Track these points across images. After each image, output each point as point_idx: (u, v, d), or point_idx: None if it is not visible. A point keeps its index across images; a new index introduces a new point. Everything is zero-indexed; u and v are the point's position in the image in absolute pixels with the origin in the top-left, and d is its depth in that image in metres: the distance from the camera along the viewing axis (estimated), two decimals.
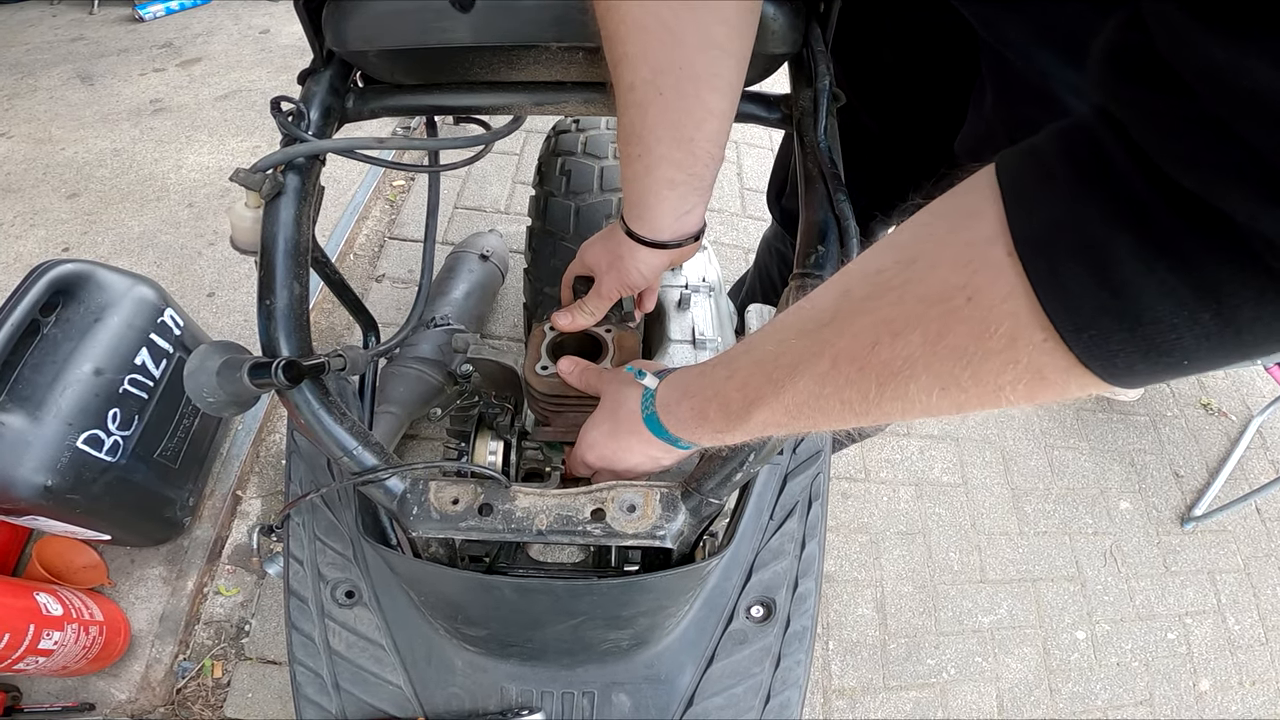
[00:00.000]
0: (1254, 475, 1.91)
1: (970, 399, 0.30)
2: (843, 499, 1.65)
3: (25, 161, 2.00)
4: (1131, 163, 0.22)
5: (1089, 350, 0.25)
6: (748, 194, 2.19)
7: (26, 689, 1.18)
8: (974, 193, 0.28)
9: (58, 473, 1.00)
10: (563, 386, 0.64)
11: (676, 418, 0.50)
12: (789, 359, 0.37)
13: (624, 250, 0.60)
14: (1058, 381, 0.27)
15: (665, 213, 0.56)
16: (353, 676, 0.59)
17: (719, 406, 0.44)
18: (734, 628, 0.60)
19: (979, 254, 0.27)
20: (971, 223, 0.27)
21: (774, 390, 0.38)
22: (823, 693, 1.41)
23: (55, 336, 1.06)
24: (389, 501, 0.51)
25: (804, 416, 0.38)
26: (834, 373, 0.34)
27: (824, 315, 0.35)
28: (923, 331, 0.29)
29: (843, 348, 0.33)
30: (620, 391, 0.56)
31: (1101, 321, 0.24)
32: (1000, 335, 0.26)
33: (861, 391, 0.33)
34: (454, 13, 0.55)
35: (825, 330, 0.35)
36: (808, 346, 0.36)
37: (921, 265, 0.30)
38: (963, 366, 0.28)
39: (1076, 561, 1.68)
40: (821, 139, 0.57)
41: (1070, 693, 1.52)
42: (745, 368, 0.42)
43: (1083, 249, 0.24)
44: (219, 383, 0.44)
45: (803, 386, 0.36)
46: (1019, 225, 0.26)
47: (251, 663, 1.27)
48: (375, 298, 1.78)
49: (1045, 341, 0.25)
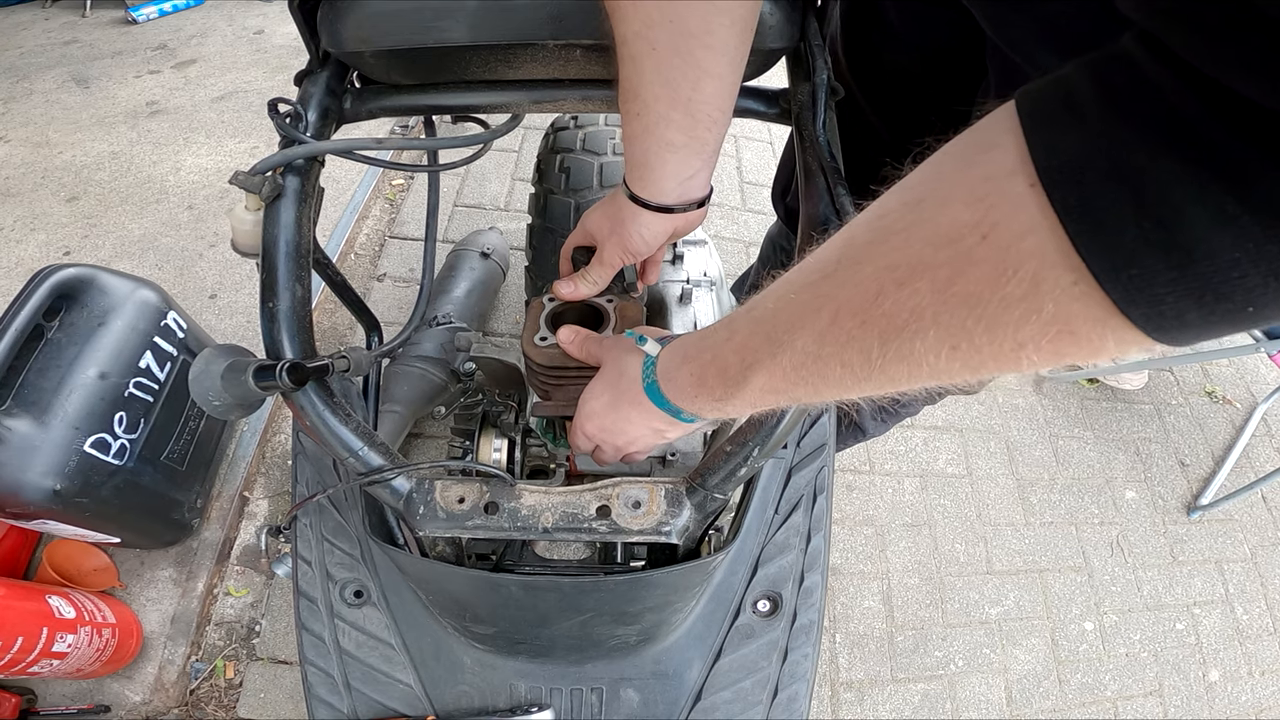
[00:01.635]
0: (1260, 463, 1.90)
1: (985, 359, 0.26)
2: (848, 491, 1.65)
3: (23, 165, 2.01)
4: (1175, 79, 0.19)
5: (1129, 294, 0.21)
6: (748, 188, 2.18)
7: (41, 692, 1.19)
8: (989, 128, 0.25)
9: (66, 477, 1.01)
10: (562, 357, 0.61)
11: (676, 385, 0.47)
12: (788, 315, 0.35)
13: (626, 215, 0.58)
14: (1090, 336, 0.23)
15: (668, 175, 0.54)
16: (363, 676, 0.59)
17: (717, 371, 0.42)
18: (741, 622, 0.61)
19: (995, 188, 0.24)
20: (986, 156, 0.24)
21: (772, 351, 0.36)
22: (830, 686, 1.41)
23: (59, 341, 1.06)
24: (395, 501, 0.52)
25: (803, 381, 0.35)
26: (834, 329, 0.31)
27: (826, 266, 0.32)
28: (930, 278, 0.26)
29: (844, 300, 0.30)
30: (621, 359, 0.53)
31: (1144, 258, 0.20)
32: (1020, 279, 0.23)
33: (863, 350, 0.30)
34: (450, 12, 0.55)
35: (826, 282, 0.32)
36: (808, 301, 0.33)
37: (929, 204, 0.27)
38: (976, 318, 0.25)
39: (1083, 552, 1.68)
40: (820, 133, 0.56)
41: (1079, 683, 1.52)
42: (745, 327, 0.39)
43: (1120, 175, 0.20)
44: (224, 386, 0.44)
45: (801, 346, 0.34)
46: (1043, 154, 0.22)
47: (263, 663, 1.27)
48: (377, 297, 1.78)
49: (1075, 285, 0.22)
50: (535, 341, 0.64)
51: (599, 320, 0.66)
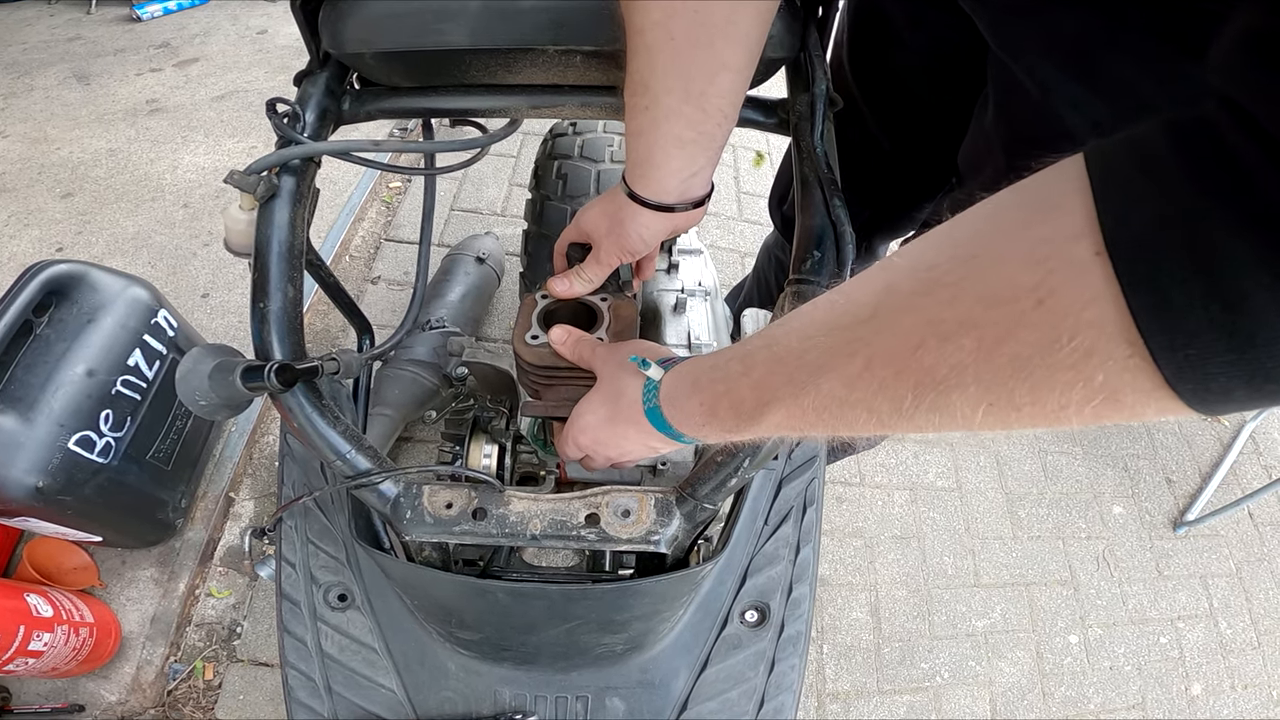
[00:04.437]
0: (1247, 480, 1.92)
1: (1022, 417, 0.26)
2: (837, 503, 1.65)
3: (20, 161, 1.99)
4: (1264, 157, 0.19)
5: (1181, 372, 0.21)
6: (744, 198, 2.19)
7: (16, 690, 1.17)
8: (1055, 183, 0.24)
9: (49, 474, 0.99)
10: (553, 357, 0.60)
11: (683, 413, 0.46)
12: (815, 357, 0.33)
13: (625, 214, 0.57)
14: (1133, 405, 0.23)
15: (672, 173, 0.53)
16: (345, 680, 0.59)
17: (731, 404, 0.41)
18: (728, 632, 0.60)
19: (1058, 251, 0.23)
20: (1051, 216, 0.23)
21: (794, 391, 0.35)
22: (817, 696, 1.41)
23: (48, 337, 1.05)
24: (382, 505, 0.51)
25: (823, 423, 0.34)
26: (866, 376, 0.30)
27: (861, 311, 0.31)
28: (978, 336, 0.25)
29: (880, 348, 0.29)
30: (620, 378, 0.52)
31: (1205, 339, 0.20)
32: (1074, 348, 0.23)
33: (894, 400, 0.29)
34: (452, 15, 0.55)
35: (862, 328, 0.31)
36: (838, 345, 0.32)
37: (984, 261, 0.26)
38: (1021, 379, 0.24)
39: (1070, 566, 1.68)
40: (818, 144, 0.57)
41: (1063, 697, 1.52)
42: (764, 363, 0.38)
43: (1194, 252, 0.20)
44: (211, 386, 0.44)
45: (827, 389, 0.33)
46: (1113, 221, 0.22)
47: (243, 665, 1.26)
48: (370, 300, 1.78)
49: (1130, 358, 0.22)
50: (526, 340, 0.62)
51: (593, 319, 0.64)
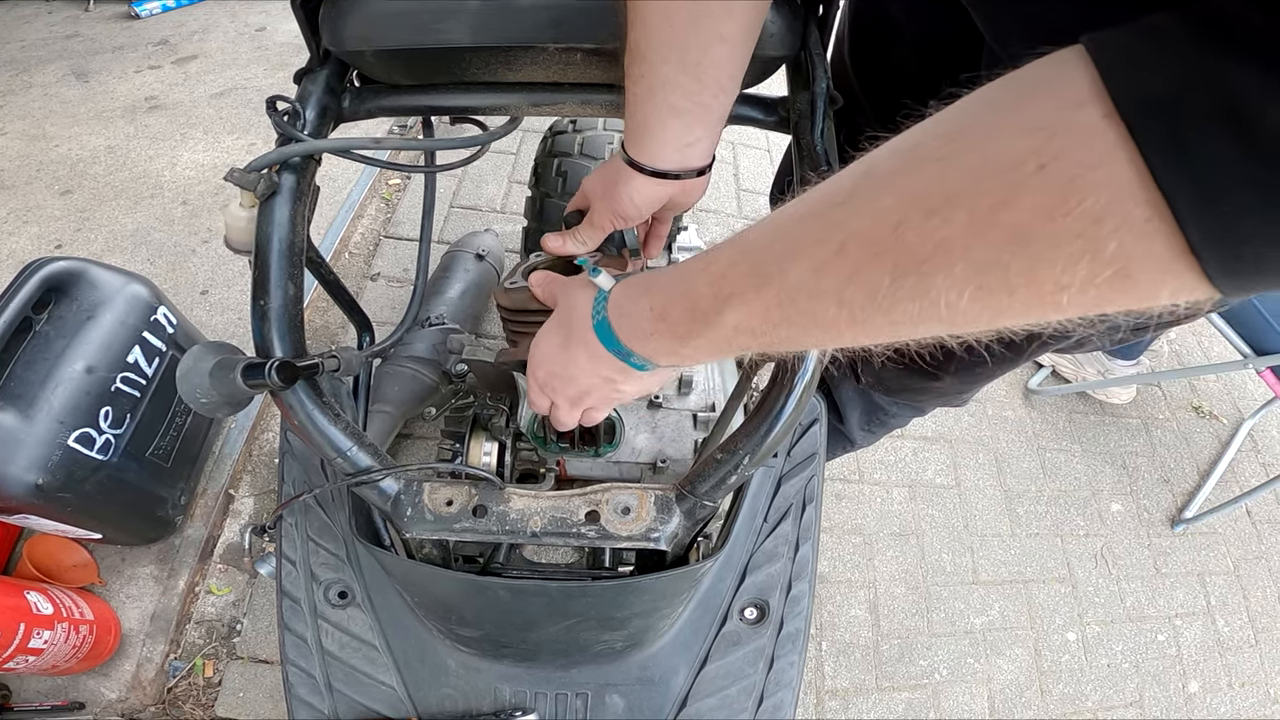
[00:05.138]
0: (1244, 478, 1.93)
1: (1015, 301, 0.24)
2: (836, 500, 1.65)
3: (19, 158, 1.99)
4: (1273, 21, 0.18)
5: (1211, 231, 0.20)
6: (744, 195, 2.19)
7: (16, 687, 1.17)
8: (1048, 66, 0.23)
9: (49, 471, 0.99)
10: (528, 300, 0.58)
11: (631, 321, 0.43)
12: (784, 245, 0.31)
13: (620, 178, 0.56)
14: (1146, 281, 0.22)
15: (667, 140, 0.52)
16: (345, 677, 0.59)
17: (686, 304, 0.37)
18: (728, 629, 0.61)
19: (1060, 118, 0.22)
20: (1049, 90, 0.22)
21: (756, 283, 0.32)
22: (816, 693, 1.41)
23: (47, 334, 1.05)
24: (383, 502, 0.51)
25: (787, 321, 0.32)
26: (838, 260, 0.28)
27: (837, 195, 0.29)
28: (969, 207, 0.23)
29: (856, 229, 0.27)
30: (573, 294, 0.49)
31: (1239, 194, 0.19)
32: (1082, 213, 0.21)
33: (869, 287, 0.27)
34: (452, 13, 0.55)
35: (836, 211, 0.28)
36: (811, 230, 0.30)
37: (975, 134, 0.24)
38: (1017, 252, 0.23)
39: (1068, 563, 1.69)
40: (818, 142, 0.57)
41: (1061, 694, 1.52)
42: (726, 255, 0.35)
43: (1221, 108, 0.19)
44: (212, 384, 0.44)
45: (794, 278, 0.30)
46: (1122, 84, 0.21)
47: (243, 662, 1.26)
48: (370, 296, 1.78)
49: (1148, 221, 0.20)
50: (505, 285, 0.62)
51: None
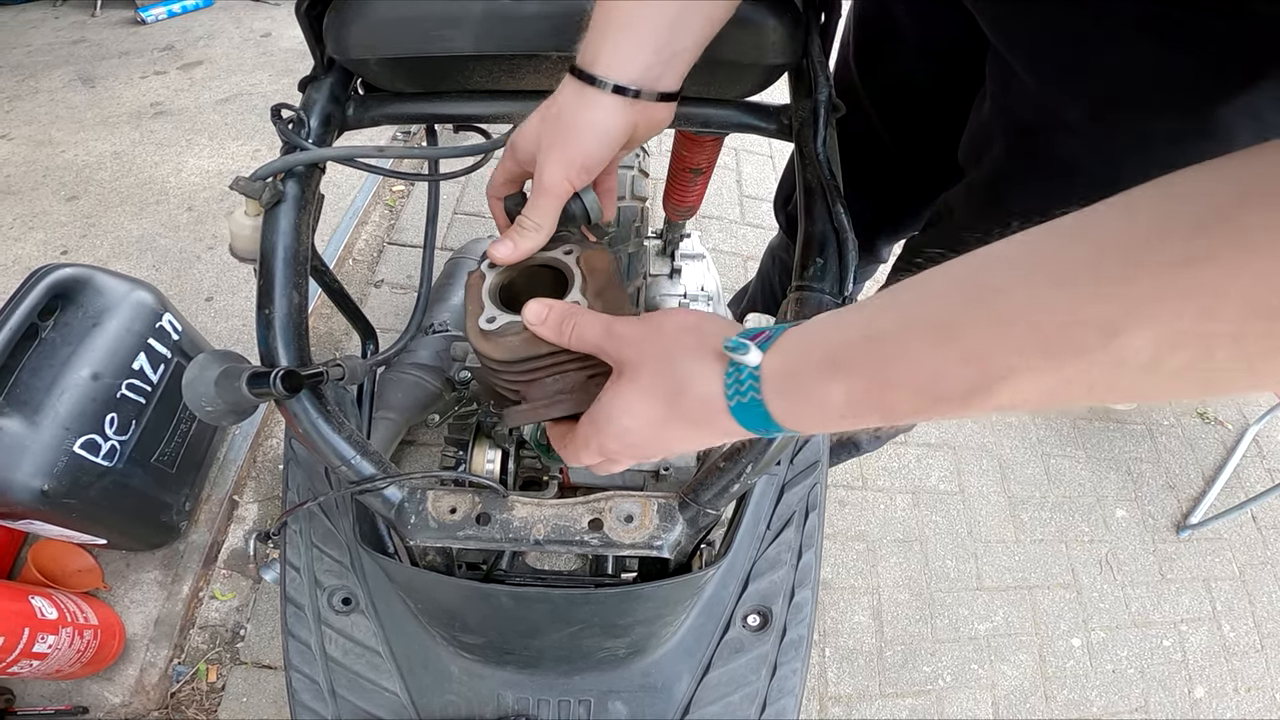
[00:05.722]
0: (1250, 484, 1.92)
1: None
2: (840, 507, 1.65)
3: (25, 164, 2.00)
4: None
5: None
6: (747, 201, 2.19)
7: (20, 692, 1.17)
8: None
9: (54, 477, 1.00)
10: (527, 344, 0.44)
11: (811, 406, 0.32)
12: (1101, 309, 0.23)
13: (568, 111, 0.44)
14: None
15: (644, 36, 0.43)
16: (349, 683, 0.59)
17: (920, 384, 0.28)
18: (731, 636, 0.60)
19: None
20: None
21: (1056, 359, 0.24)
22: (819, 700, 1.41)
23: (53, 341, 1.06)
24: (387, 510, 0.52)
25: (1088, 394, 0.25)
26: (1206, 323, 0.21)
27: (1196, 250, 0.21)
28: None
29: (1240, 286, 0.20)
30: (675, 366, 0.37)
31: None
32: None
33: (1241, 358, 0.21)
34: (456, 22, 0.55)
35: (1204, 269, 0.21)
36: (1146, 290, 0.22)
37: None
38: None
39: (1072, 569, 1.68)
40: (820, 150, 0.57)
41: (1065, 700, 1.52)
42: (983, 324, 0.26)
43: None
44: (217, 392, 0.44)
45: (1141, 346, 0.22)
46: None
47: (246, 667, 1.26)
48: (374, 303, 1.78)
49: None
50: (482, 326, 0.46)
51: (560, 283, 0.49)
